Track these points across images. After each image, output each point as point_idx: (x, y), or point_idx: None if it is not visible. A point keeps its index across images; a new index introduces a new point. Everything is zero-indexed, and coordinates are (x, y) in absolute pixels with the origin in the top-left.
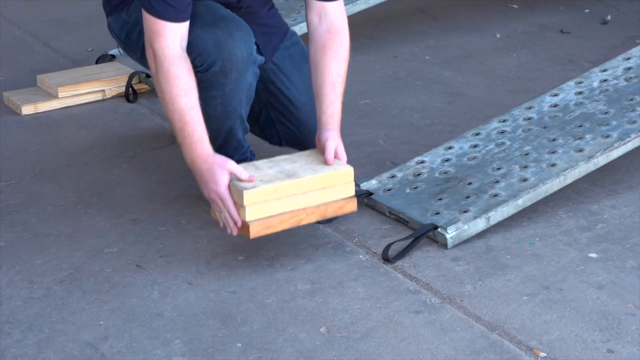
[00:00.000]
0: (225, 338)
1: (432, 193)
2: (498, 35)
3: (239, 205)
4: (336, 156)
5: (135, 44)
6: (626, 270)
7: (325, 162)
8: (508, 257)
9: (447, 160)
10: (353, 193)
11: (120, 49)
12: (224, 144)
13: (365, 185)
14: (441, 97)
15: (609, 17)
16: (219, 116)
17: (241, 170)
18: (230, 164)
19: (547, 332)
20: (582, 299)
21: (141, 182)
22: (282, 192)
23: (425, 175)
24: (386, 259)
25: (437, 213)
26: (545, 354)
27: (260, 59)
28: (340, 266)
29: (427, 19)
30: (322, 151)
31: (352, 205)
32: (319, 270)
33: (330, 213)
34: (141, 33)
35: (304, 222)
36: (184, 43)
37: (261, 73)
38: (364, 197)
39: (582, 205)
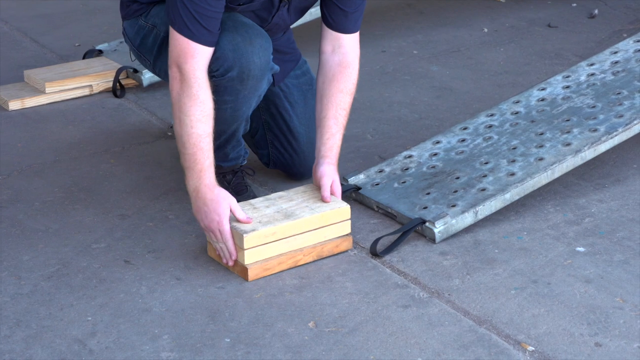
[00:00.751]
0: (214, 333)
1: (420, 187)
2: (486, 30)
3: (238, 247)
4: (332, 192)
5: (149, 51)
6: (614, 264)
7: (322, 200)
8: (496, 251)
9: (435, 154)
10: (349, 231)
11: (131, 55)
12: (224, 143)
13: (353, 180)
14: (429, 92)
15: (596, 11)
16: (227, 120)
17: (240, 210)
18: (233, 201)
19: (535, 326)
20: (569, 293)
21: (129, 178)
22: (281, 233)
23: (413, 169)
24: (374, 253)
25: (425, 207)
26: (533, 348)
27: (276, 67)
28: (329, 261)
29: (415, 13)
30: (318, 185)
31: (348, 244)
32: (307, 265)
33: (326, 252)
34: (156, 39)
35: (301, 262)
36: (207, 66)
37: (267, 93)
38: (352, 192)
39: (569, 199)
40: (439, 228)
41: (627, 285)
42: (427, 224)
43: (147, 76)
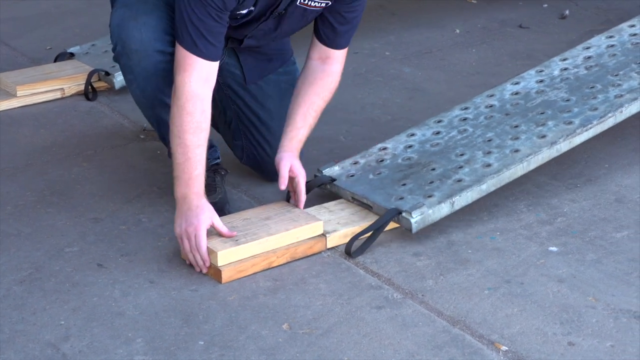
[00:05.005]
0: (187, 336)
1: (396, 179)
2: (458, 31)
3: (211, 250)
4: (293, 173)
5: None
6: (586, 264)
7: (279, 185)
8: (469, 251)
9: (410, 146)
10: (322, 231)
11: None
12: (163, 135)
13: (327, 172)
14: (402, 93)
15: (567, 12)
16: (141, 102)
17: (222, 224)
18: (215, 216)
19: (508, 325)
20: (542, 293)
21: (101, 181)
22: (255, 250)
23: (388, 161)
24: (349, 253)
25: (401, 198)
26: (506, 348)
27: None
28: (302, 262)
29: (387, 14)
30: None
31: (321, 245)
32: (281, 267)
33: (300, 254)
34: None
35: (275, 264)
36: (211, 81)
37: (242, 89)
38: (327, 184)
39: (542, 199)
40: (415, 218)
41: (599, 284)
42: (403, 214)
43: (119, 79)
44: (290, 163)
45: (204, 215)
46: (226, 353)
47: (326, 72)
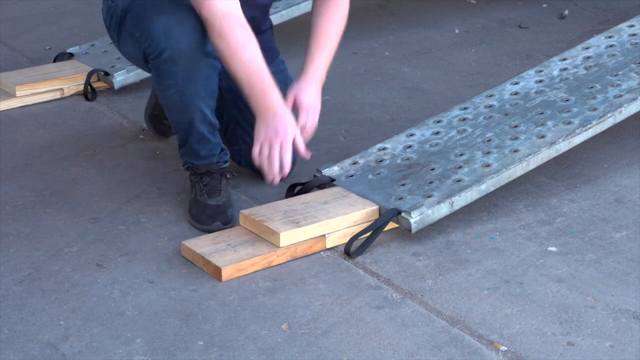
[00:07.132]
0: (187, 336)
1: (395, 179)
2: (457, 31)
3: (273, 232)
4: (297, 103)
5: (114, 31)
6: (585, 264)
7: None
8: (468, 251)
9: (409, 146)
10: (378, 216)
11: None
12: (186, 137)
13: (327, 172)
14: (401, 93)
15: (566, 12)
16: (177, 107)
17: (301, 142)
18: (298, 132)
19: (507, 326)
20: (542, 293)
21: (101, 181)
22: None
23: (388, 161)
24: (348, 253)
25: (401, 198)
26: (505, 348)
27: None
28: (301, 262)
29: (386, 14)
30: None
31: (322, 245)
32: (280, 267)
33: (300, 253)
34: (116, 19)
35: (275, 262)
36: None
37: (235, 90)
38: (326, 184)
39: (541, 199)
40: (415, 218)
41: (598, 284)
42: (402, 214)
43: (119, 79)
44: (294, 94)
45: (290, 123)
46: (225, 353)
47: (335, 4)
